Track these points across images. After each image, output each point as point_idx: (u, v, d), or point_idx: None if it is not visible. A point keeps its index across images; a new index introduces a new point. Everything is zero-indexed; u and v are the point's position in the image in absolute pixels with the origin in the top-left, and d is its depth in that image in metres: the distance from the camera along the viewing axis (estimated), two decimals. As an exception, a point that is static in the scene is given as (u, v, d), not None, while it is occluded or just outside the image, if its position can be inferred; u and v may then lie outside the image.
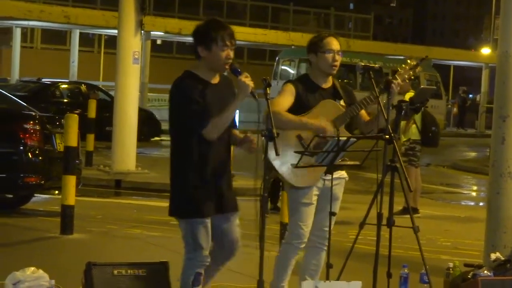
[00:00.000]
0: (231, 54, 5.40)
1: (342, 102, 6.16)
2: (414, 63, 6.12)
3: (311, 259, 6.29)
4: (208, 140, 5.34)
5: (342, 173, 6.22)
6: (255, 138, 5.45)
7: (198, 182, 5.40)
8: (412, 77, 6.17)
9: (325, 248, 6.24)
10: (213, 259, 5.59)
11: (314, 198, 6.14)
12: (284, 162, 5.93)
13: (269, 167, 5.42)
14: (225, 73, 5.59)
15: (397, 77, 5.99)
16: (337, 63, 6.11)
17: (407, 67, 6.08)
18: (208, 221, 5.45)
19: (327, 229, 6.19)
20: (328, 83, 6.19)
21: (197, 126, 5.32)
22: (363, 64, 6.09)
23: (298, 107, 6.02)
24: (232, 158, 5.84)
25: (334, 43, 6.11)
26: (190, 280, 5.45)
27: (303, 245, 6.20)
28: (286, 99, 6.02)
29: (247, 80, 5.28)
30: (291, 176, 6.02)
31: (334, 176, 6.01)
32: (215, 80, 5.50)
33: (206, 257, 5.47)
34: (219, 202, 5.47)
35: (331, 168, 5.89)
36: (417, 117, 11.83)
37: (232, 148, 5.68)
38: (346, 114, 6.10)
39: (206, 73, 5.45)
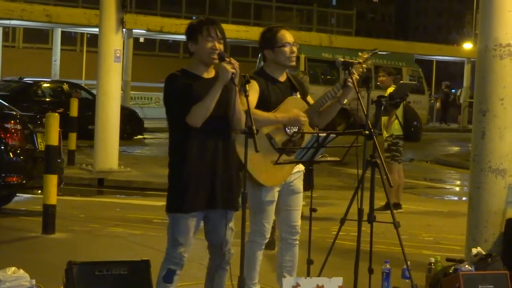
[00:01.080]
0: (218, 45, 5.38)
1: (298, 95, 6.18)
2: (366, 55, 6.16)
3: (285, 256, 6.28)
4: (194, 129, 5.29)
5: (300, 167, 6.20)
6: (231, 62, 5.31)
7: (182, 176, 5.34)
8: (365, 70, 6.19)
9: (297, 243, 6.26)
10: (211, 259, 5.59)
11: (276, 195, 6.13)
12: (253, 161, 5.75)
13: (241, 164, 5.42)
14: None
15: (354, 72, 6.01)
16: (295, 54, 6.14)
17: (360, 60, 6.11)
18: (191, 217, 5.37)
19: (295, 224, 6.22)
20: (283, 76, 6.21)
21: (179, 114, 5.30)
22: (342, 59, 6.09)
23: (260, 102, 6.00)
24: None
25: (288, 36, 6.13)
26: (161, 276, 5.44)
27: (266, 241, 6.21)
28: (253, 96, 5.95)
29: (228, 66, 5.26)
30: (261, 176, 5.97)
31: (293, 171, 6.07)
32: (209, 74, 5.47)
33: (181, 254, 5.39)
34: (209, 198, 5.38)
35: (311, 164, 5.92)
36: (399, 112, 11.86)
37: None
38: (315, 106, 6.11)
39: (197, 68, 5.45)
